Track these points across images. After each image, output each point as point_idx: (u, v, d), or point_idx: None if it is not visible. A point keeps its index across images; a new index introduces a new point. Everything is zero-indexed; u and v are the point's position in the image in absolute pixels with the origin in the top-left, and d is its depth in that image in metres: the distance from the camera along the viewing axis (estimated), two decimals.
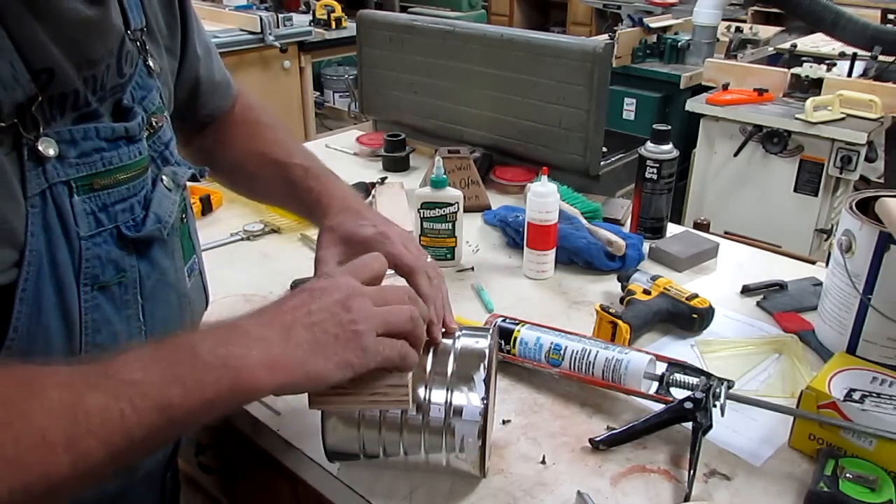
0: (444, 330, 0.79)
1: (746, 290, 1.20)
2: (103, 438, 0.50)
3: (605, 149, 1.57)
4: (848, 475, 0.76)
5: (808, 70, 2.55)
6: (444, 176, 1.24)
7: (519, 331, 0.98)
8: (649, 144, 1.32)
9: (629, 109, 2.93)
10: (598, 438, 0.85)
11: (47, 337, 0.61)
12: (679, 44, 3.01)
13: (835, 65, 2.77)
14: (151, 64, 0.76)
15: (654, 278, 1.14)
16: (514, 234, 1.33)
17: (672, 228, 1.39)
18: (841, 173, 2.35)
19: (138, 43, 0.73)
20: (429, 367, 0.74)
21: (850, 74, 2.69)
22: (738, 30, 3.38)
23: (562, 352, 0.93)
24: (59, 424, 0.49)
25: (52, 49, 0.59)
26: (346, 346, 0.61)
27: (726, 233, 2.08)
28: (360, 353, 0.61)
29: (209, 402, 0.55)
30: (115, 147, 0.67)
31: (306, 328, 0.60)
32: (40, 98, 0.59)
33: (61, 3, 0.60)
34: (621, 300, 1.15)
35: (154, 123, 0.75)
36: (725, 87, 2.62)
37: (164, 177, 0.74)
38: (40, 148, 0.59)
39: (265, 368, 0.57)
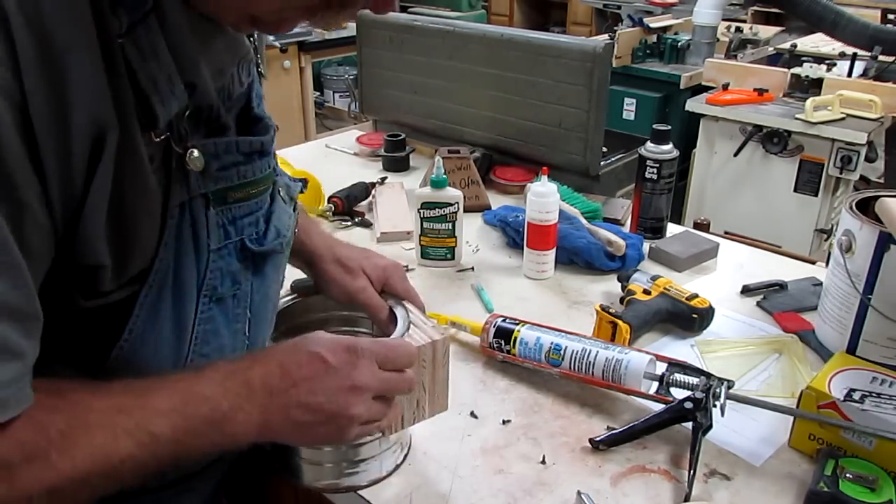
0: None
1: (746, 290, 1.20)
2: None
3: (605, 149, 1.57)
4: (848, 475, 0.76)
5: (808, 70, 2.55)
6: (444, 176, 1.24)
7: (519, 331, 0.98)
8: (649, 144, 1.32)
9: (629, 109, 2.93)
10: (598, 438, 0.85)
11: (158, 343, 0.62)
12: (679, 44, 3.01)
13: (835, 65, 2.76)
14: (262, 70, 0.75)
15: (654, 278, 1.14)
16: (514, 234, 1.32)
17: (672, 228, 1.39)
18: (841, 173, 2.35)
19: (254, 48, 0.73)
20: None
21: (850, 74, 2.68)
22: (738, 30, 3.38)
23: (562, 352, 0.93)
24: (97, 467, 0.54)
25: (197, 61, 0.59)
26: (337, 431, 0.65)
27: (726, 233, 2.08)
28: (343, 436, 0.66)
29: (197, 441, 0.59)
30: (251, 161, 0.67)
31: (304, 409, 0.62)
32: (188, 111, 0.59)
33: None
34: (621, 300, 1.15)
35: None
36: (725, 87, 2.62)
37: (280, 189, 0.74)
38: (188, 161, 0.59)
39: (256, 430, 0.61)
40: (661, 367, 0.90)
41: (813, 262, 1.32)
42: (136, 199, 0.56)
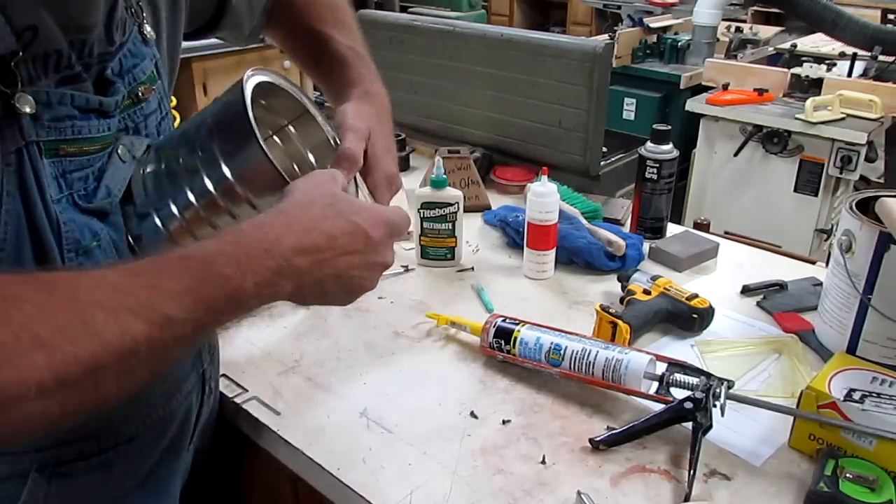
0: None
1: (746, 290, 1.20)
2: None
3: (605, 149, 1.57)
4: (848, 475, 0.76)
5: (808, 70, 2.55)
6: (444, 176, 1.24)
7: (519, 331, 0.98)
8: (649, 144, 1.32)
9: (629, 109, 2.93)
10: (598, 438, 0.85)
11: None
12: (679, 44, 3.01)
13: (835, 65, 2.77)
14: (147, 31, 0.73)
15: (654, 278, 1.14)
16: (514, 234, 1.32)
17: (672, 228, 1.39)
18: (841, 173, 2.35)
19: (133, 10, 0.71)
20: None
21: (850, 74, 2.69)
22: (738, 30, 3.38)
23: (562, 352, 0.93)
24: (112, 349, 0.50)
25: (38, 8, 0.58)
26: (350, 298, 0.67)
27: (726, 233, 2.08)
28: (351, 301, 0.68)
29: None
30: (87, 118, 0.65)
31: (337, 280, 0.63)
32: (21, 54, 0.58)
33: None
34: (621, 300, 1.15)
35: (140, 94, 0.72)
36: (725, 87, 2.62)
37: (119, 148, 0.70)
38: (17, 105, 0.58)
39: (284, 299, 0.61)
40: (661, 367, 0.90)
41: (813, 262, 1.32)
42: None
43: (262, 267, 0.57)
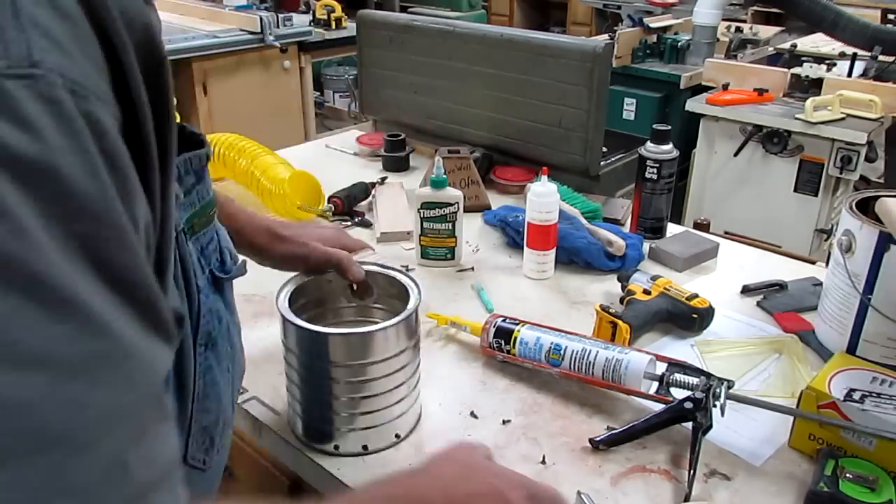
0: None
1: (746, 290, 1.20)
2: None
3: (605, 149, 1.57)
4: (848, 475, 0.76)
5: (808, 70, 2.55)
6: (444, 176, 1.24)
7: (519, 331, 0.98)
8: (649, 144, 1.32)
9: (629, 109, 2.93)
10: (598, 438, 0.85)
11: None
12: (679, 44, 3.01)
13: (835, 65, 2.76)
14: None
15: (654, 278, 1.14)
16: (514, 234, 1.32)
17: (672, 228, 1.39)
18: (841, 173, 2.35)
19: None
20: None
21: (850, 74, 2.68)
22: (738, 30, 3.37)
23: (562, 352, 0.93)
24: None
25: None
26: None
27: (726, 233, 2.08)
28: None
29: None
30: (201, 179, 0.58)
31: None
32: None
33: None
34: (621, 300, 1.15)
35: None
36: (725, 87, 2.62)
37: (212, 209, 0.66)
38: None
39: None
40: (661, 367, 0.90)
41: (813, 262, 1.32)
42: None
43: None
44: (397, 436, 0.86)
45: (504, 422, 0.90)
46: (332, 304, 0.93)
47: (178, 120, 0.66)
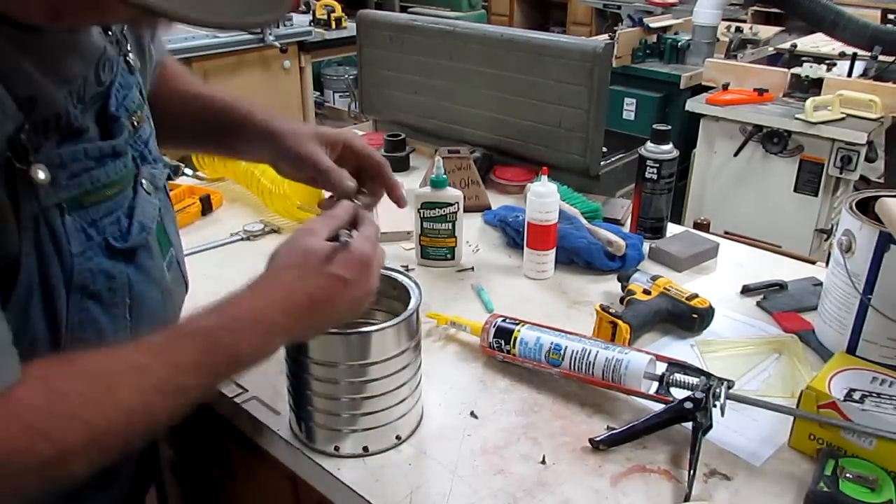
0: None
1: (746, 290, 1.20)
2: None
3: (605, 149, 1.57)
4: (848, 475, 0.76)
5: (808, 70, 2.55)
6: (444, 176, 1.24)
7: (519, 331, 0.98)
8: (649, 144, 1.32)
9: (629, 109, 2.93)
10: (598, 438, 0.85)
11: (33, 339, 0.63)
12: (679, 44, 3.01)
13: (835, 65, 2.77)
14: (132, 59, 0.75)
15: (654, 278, 1.14)
16: (514, 234, 1.32)
17: (672, 228, 1.39)
18: (841, 173, 2.35)
19: (116, 39, 0.72)
20: None
21: (850, 74, 2.69)
22: (738, 30, 3.38)
23: (562, 352, 0.93)
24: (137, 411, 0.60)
25: (35, 76, 0.59)
26: (343, 322, 0.75)
27: (726, 233, 2.08)
28: (348, 320, 0.75)
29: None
30: (103, 164, 0.67)
31: (329, 323, 0.73)
32: (26, 126, 0.58)
33: (45, 34, 0.60)
34: (621, 300, 1.15)
35: (135, 123, 0.74)
36: (725, 87, 2.62)
37: (143, 181, 0.74)
38: (32, 175, 0.59)
39: (278, 350, 0.72)
40: (661, 367, 0.90)
41: (813, 262, 1.32)
42: None
43: (254, 333, 0.66)
44: (398, 437, 0.86)
45: (504, 422, 0.90)
46: None
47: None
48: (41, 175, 0.60)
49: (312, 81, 3.65)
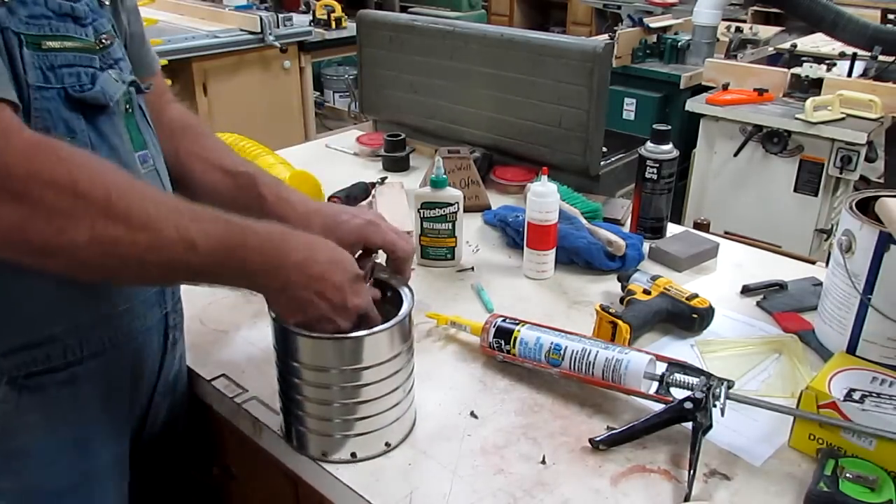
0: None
1: (746, 290, 1.20)
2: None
3: (605, 149, 1.57)
4: (848, 475, 0.76)
5: (808, 70, 2.55)
6: (444, 176, 1.24)
7: (519, 331, 0.98)
8: (649, 144, 1.32)
9: (629, 109, 2.93)
10: (598, 438, 0.85)
11: None
12: (679, 44, 3.01)
13: (835, 65, 2.77)
14: None
15: (654, 278, 1.14)
16: (514, 234, 1.32)
17: (672, 228, 1.39)
18: (841, 173, 2.35)
19: None
20: None
21: (850, 74, 2.69)
22: (738, 30, 3.37)
23: (562, 352, 0.93)
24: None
25: None
26: (311, 321, 0.77)
27: (726, 233, 2.08)
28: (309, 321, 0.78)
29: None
30: (63, 20, 0.72)
31: (307, 303, 0.76)
32: None
33: None
34: (621, 300, 1.15)
35: (104, 40, 0.78)
36: (725, 87, 2.62)
37: (110, 71, 0.78)
38: None
39: (270, 296, 0.77)
40: (661, 367, 0.90)
41: (813, 262, 1.32)
42: None
43: (273, 258, 0.72)
44: (387, 444, 0.85)
45: (504, 422, 0.90)
46: None
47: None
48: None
49: (312, 81, 3.65)
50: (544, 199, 1.19)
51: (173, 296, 0.93)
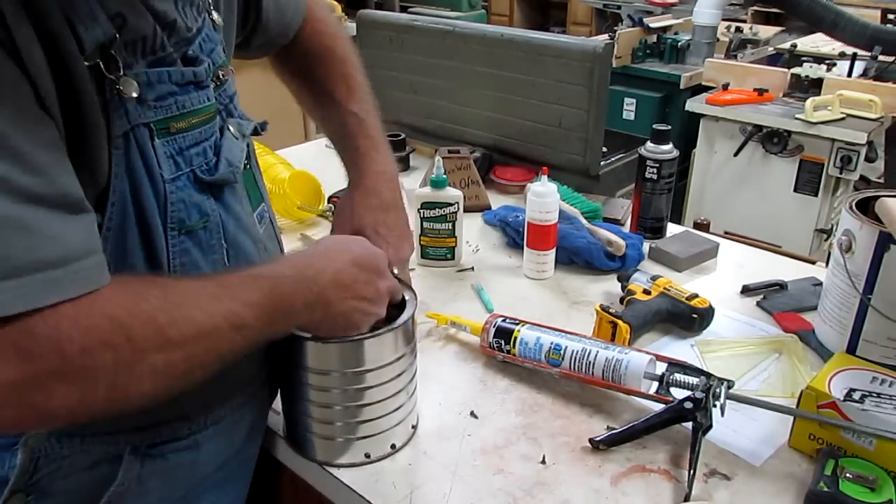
0: None
1: (746, 290, 1.20)
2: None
3: (605, 149, 1.57)
4: (848, 475, 0.76)
5: (808, 70, 2.55)
6: (444, 176, 1.24)
7: (519, 331, 0.98)
8: (649, 144, 1.32)
9: (629, 109, 2.93)
10: (598, 438, 0.85)
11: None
12: (679, 44, 3.01)
13: (835, 65, 2.77)
14: (216, 17, 0.78)
15: (654, 278, 1.14)
16: (514, 234, 1.32)
17: (672, 228, 1.39)
18: (841, 173, 2.35)
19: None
20: None
21: (850, 74, 2.69)
22: (738, 30, 3.37)
23: (562, 352, 0.93)
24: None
25: None
26: (344, 331, 0.78)
27: (726, 233, 2.08)
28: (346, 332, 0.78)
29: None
30: (186, 91, 0.70)
31: (343, 316, 0.76)
32: (118, 39, 0.61)
33: None
34: (621, 300, 1.15)
35: (220, 76, 0.77)
36: (725, 87, 2.62)
37: (230, 126, 0.77)
38: (122, 88, 0.62)
39: (312, 326, 0.76)
40: (661, 367, 0.90)
41: (813, 262, 1.32)
42: (87, 126, 0.60)
43: (309, 291, 0.71)
44: (393, 446, 0.85)
45: (504, 422, 0.90)
46: None
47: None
48: (132, 91, 0.62)
49: None
50: (544, 199, 1.19)
51: None
